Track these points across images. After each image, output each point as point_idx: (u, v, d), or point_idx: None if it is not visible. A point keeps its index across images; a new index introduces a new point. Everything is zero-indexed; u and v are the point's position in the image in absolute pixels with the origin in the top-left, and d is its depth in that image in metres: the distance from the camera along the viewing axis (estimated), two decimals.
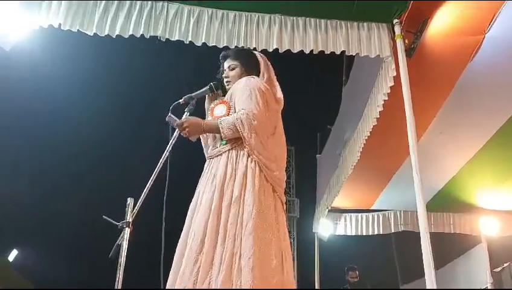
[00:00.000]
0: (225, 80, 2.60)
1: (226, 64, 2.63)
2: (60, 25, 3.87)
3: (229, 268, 1.93)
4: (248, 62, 2.61)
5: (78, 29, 3.90)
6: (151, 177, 2.09)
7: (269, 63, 2.63)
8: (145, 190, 2.07)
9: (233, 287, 1.90)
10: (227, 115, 2.33)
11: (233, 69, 2.58)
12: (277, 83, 2.56)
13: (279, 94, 2.52)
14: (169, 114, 2.34)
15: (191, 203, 2.23)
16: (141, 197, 2.06)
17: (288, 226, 15.39)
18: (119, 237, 1.98)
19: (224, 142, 2.32)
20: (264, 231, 2.05)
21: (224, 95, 2.55)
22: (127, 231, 1.98)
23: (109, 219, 1.95)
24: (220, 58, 2.69)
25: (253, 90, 2.33)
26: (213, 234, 2.02)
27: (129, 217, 2.00)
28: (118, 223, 1.98)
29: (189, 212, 2.20)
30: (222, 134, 2.25)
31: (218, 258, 1.97)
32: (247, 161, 2.22)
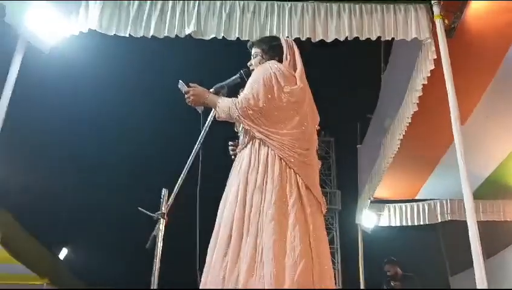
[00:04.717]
0: (250, 68, 2.55)
1: (252, 53, 2.60)
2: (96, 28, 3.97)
3: (253, 259, 1.92)
4: (269, 48, 2.54)
5: (114, 33, 3.99)
6: (185, 168, 2.09)
7: (295, 47, 2.52)
8: (179, 180, 2.07)
9: (257, 279, 1.87)
10: None
11: (255, 57, 2.55)
12: (301, 68, 2.42)
13: (299, 81, 2.36)
14: (180, 81, 2.35)
15: (223, 196, 2.23)
16: (175, 188, 2.06)
17: (330, 218, 15.25)
18: (155, 228, 1.99)
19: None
20: (284, 217, 2.00)
21: None
22: (162, 222, 1.99)
23: (145, 211, 1.97)
24: (248, 47, 2.66)
25: (257, 79, 2.28)
26: (240, 226, 2.02)
27: (164, 208, 2.01)
28: (153, 215, 1.99)
29: (220, 205, 2.20)
30: (216, 113, 2.29)
31: (244, 250, 1.95)
32: (268, 149, 2.19)
